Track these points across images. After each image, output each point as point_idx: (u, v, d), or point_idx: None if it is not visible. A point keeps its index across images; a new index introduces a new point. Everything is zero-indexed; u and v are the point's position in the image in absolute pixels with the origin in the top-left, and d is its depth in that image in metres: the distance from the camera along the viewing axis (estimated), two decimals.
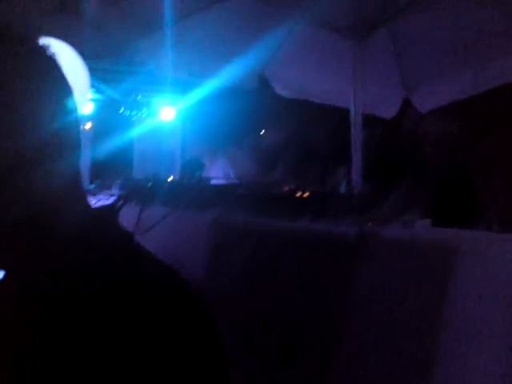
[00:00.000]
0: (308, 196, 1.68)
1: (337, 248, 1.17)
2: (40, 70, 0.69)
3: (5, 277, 0.72)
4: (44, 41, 0.72)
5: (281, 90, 3.38)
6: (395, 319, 1.03)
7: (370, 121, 2.84)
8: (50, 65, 0.71)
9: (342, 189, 1.78)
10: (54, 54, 0.72)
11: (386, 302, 1.04)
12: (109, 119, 7.21)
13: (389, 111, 3.67)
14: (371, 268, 1.07)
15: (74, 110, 0.75)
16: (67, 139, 0.70)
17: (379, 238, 1.12)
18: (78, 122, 0.75)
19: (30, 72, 0.67)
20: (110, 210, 0.79)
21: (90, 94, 7.01)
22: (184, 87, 6.82)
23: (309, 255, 1.21)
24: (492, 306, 1.11)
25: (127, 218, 0.86)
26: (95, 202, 1.62)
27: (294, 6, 2.83)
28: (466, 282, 1.04)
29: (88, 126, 7.88)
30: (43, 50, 0.71)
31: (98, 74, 6.18)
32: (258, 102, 3.16)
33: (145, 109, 6.50)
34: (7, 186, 0.64)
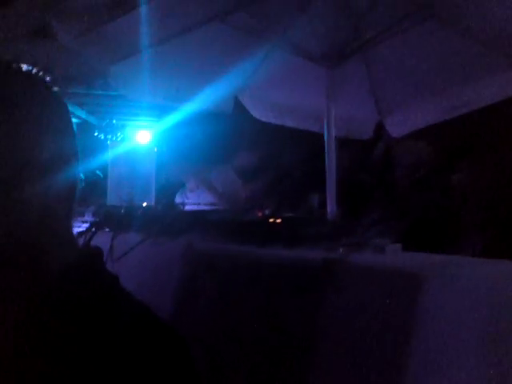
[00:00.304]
0: (281, 222, 1.69)
1: (305, 275, 1.17)
2: (38, 99, 0.67)
3: None
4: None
5: (256, 114, 3.41)
6: (362, 347, 1.04)
7: (344, 143, 2.88)
8: (47, 92, 0.70)
9: (316, 214, 1.79)
10: (47, 81, 0.70)
11: (353, 330, 1.04)
12: (84, 143, 7.17)
13: (362, 135, 3.72)
14: (338, 295, 1.07)
15: (73, 139, 0.72)
16: (65, 172, 0.68)
17: (347, 264, 1.13)
18: (76, 152, 0.72)
19: (28, 100, 0.65)
20: (97, 251, 0.77)
21: None
22: (159, 111, 6.84)
23: (278, 282, 1.21)
24: (462, 331, 1.12)
25: (100, 245, 0.85)
26: None
27: (269, 33, 2.87)
28: (434, 308, 1.05)
29: None
30: (37, 76, 0.69)
31: (73, 98, 6.18)
32: (234, 125, 3.18)
33: (119, 132, 6.50)
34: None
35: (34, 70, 0.69)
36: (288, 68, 3.01)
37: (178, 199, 3.02)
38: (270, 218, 1.83)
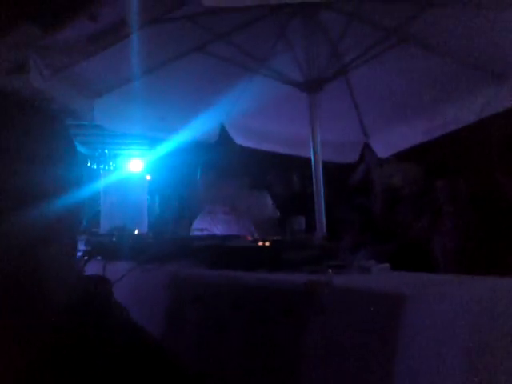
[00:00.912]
0: (268, 245, 1.71)
1: (289, 298, 1.19)
2: (49, 132, 0.65)
3: None
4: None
5: (241, 141, 3.44)
6: (347, 369, 1.05)
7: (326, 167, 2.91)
8: (58, 126, 0.68)
9: (303, 237, 1.81)
10: (57, 114, 0.69)
11: (338, 351, 1.06)
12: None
13: (349, 158, 3.76)
14: (321, 317, 1.09)
15: (81, 174, 0.70)
16: (72, 207, 0.66)
17: (330, 286, 1.15)
18: (77, 180, 0.69)
19: (40, 135, 0.63)
20: (105, 282, 0.75)
21: None
22: (151, 140, 6.88)
23: (264, 306, 1.22)
24: (446, 349, 1.14)
25: (92, 273, 0.86)
26: None
27: (249, 61, 2.92)
28: (418, 328, 1.07)
29: None
30: (48, 111, 0.68)
31: None
32: (222, 152, 3.22)
33: (112, 162, 6.52)
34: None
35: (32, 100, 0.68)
36: (271, 94, 3.05)
37: (197, 225, 2.95)
38: (259, 241, 1.85)
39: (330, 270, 1.42)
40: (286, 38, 2.87)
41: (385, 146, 3.61)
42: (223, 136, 3.45)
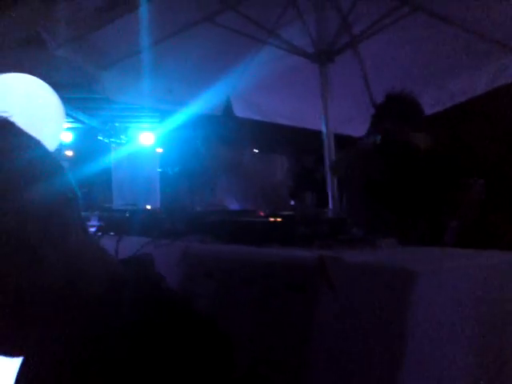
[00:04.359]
0: (279, 221, 1.72)
1: (299, 273, 1.20)
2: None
3: (23, 364, 0.70)
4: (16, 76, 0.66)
5: (246, 114, 3.41)
6: (357, 344, 1.06)
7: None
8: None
9: (314, 212, 1.81)
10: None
11: (347, 327, 1.07)
12: (89, 147, 7.21)
13: (359, 130, 3.72)
14: (331, 293, 1.10)
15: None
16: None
17: (340, 262, 1.15)
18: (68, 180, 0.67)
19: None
20: (145, 260, 0.76)
21: (67, 124, 7.01)
22: (162, 112, 6.86)
23: (274, 282, 1.23)
24: (455, 323, 1.14)
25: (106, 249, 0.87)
26: None
27: (259, 31, 2.88)
28: (428, 302, 1.08)
29: (70, 154, 7.89)
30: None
31: (75, 103, 6.20)
32: (229, 125, 3.20)
33: (123, 135, 6.52)
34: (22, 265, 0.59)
35: None
36: (281, 66, 3.01)
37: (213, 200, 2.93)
38: (270, 216, 1.86)
39: (338, 246, 1.43)
40: (296, 7, 2.81)
41: None
42: (231, 109, 3.42)
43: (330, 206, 2.69)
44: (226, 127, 2.84)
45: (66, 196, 0.65)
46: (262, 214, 2.06)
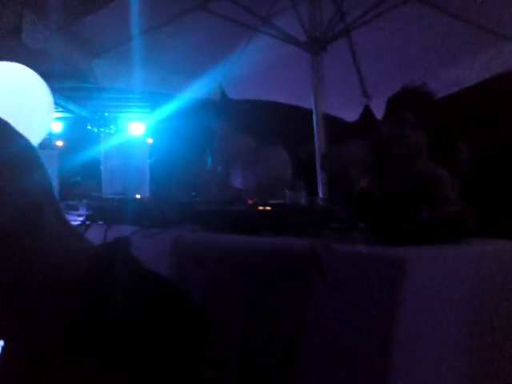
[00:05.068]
0: (269, 210, 1.71)
1: (292, 262, 1.19)
2: None
3: (4, 347, 0.70)
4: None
5: (234, 94, 3.39)
6: (349, 331, 1.06)
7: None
8: None
9: (303, 201, 1.80)
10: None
11: (337, 314, 1.07)
12: (79, 137, 7.17)
13: (350, 115, 3.72)
14: (323, 281, 1.10)
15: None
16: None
17: (331, 250, 1.15)
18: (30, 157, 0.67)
19: None
20: (123, 244, 0.75)
21: (57, 113, 6.96)
22: (151, 102, 6.82)
23: (266, 270, 1.23)
24: (446, 311, 1.14)
25: (94, 238, 0.86)
26: None
27: (253, 19, 2.85)
28: (419, 290, 1.07)
29: (60, 144, 7.85)
30: None
31: (64, 92, 6.15)
32: (224, 113, 3.18)
33: (112, 125, 6.49)
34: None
35: None
36: (272, 55, 3.00)
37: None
38: (261, 205, 1.84)
39: (330, 235, 1.43)
40: None
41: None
42: (225, 96, 3.41)
43: (320, 194, 2.68)
44: (227, 114, 2.83)
45: (44, 188, 0.67)
46: (250, 202, 2.05)
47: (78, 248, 0.69)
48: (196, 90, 3.28)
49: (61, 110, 7.16)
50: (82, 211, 2.28)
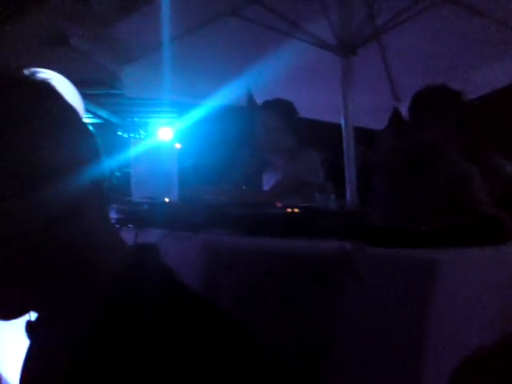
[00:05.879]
0: (298, 212, 1.69)
1: (323, 265, 1.18)
2: (47, 108, 0.64)
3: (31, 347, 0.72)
4: (37, 72, 0.69)
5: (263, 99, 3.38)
6: (384, 335, 1.04)
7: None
8: (55, 98, 0.67)
9: (332, 204, 1.79)
10: (53, 86, 0.67)
11: (372, 317, 1.05)
12: (109, 142, 7.29)
13: (379, 123, 3.68)
14: (356, 284, 1.08)
15: (88, 140, 0.68)
16: (81, 174, 0.64)
17: (364, 252, 1.13)
18: (98, 152, 0.70)
19: (37, 112, 0.62)
20: (152, 248, 0.74)
21: (87, 119, 7.08)
22: (180, 108, 6.88)
23: (298, 274, 1.22)
24: (480, 312, 1.12)
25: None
26: None
27: (282, 24, 2.85)
28: (453, 292, 1.05)
29: None
30: (44, 85, 0.66)
31: (94, 99, 6.25)
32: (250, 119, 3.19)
33: (142, 130, 6.57)
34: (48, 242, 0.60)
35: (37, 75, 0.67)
36: (302, 58, 2.98)
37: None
38: (288, 208, 1.83)
39: (362, 236, 1.41)
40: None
41: None
42: (253, 99, 3.41)
43: (348, 197, 2.65)
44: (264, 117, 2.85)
45: (98, 180, 0.67)
46: (279, 205, 2.04)
47: (112, 247, 0.68)
48: (224, 95, 3.28)
49: (91, 116, 7.27)
50: (112, 215, 2.30)
